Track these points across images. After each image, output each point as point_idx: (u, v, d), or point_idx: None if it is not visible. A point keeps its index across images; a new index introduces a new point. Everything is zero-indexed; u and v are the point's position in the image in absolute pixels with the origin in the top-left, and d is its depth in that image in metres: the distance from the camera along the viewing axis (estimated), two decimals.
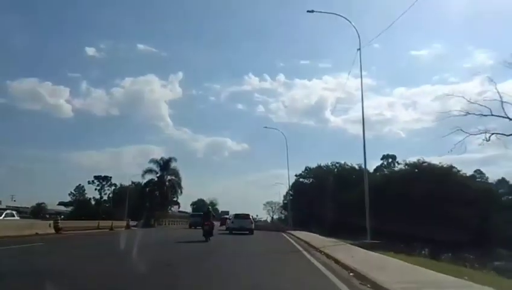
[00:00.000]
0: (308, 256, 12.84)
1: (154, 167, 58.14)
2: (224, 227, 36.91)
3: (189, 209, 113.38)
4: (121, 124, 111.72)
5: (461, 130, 23.57)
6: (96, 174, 74.05)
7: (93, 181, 74.95)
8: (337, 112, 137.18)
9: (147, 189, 59.99)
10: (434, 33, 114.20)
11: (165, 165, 58.69)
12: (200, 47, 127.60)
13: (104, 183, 72.80)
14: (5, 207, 50.08)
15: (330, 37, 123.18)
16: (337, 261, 10.39)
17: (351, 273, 8.40)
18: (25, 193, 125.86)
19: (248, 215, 33.06)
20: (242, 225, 30.48)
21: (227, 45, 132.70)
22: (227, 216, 55.95)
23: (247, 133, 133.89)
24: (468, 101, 23.55)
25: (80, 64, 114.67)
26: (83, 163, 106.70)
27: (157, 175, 58.87)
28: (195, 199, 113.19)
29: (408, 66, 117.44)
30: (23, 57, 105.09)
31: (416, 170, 47.66)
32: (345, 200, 61.46)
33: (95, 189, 74.75)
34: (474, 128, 23.28)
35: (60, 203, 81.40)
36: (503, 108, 22.01)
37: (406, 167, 47.49)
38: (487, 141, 22.65)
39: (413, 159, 49.54)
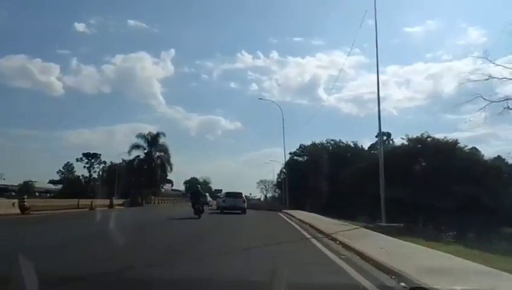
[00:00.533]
0: (321, 247, 9.92)
1: (142, 142, 54.37)
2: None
3: (182, 188, 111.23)
4: (113, 102, 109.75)
5: (481, 97, 20.61)
6: (88, 152, 70.44)
7: (81, 159, 71.54)
8: (330, 90, 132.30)
9: (134, 165, 55.48)
10: (427, 10, 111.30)
11: (153, 140, 54.50)
12: (192, 23, 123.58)
13: (92, 160, 69.40)
14: None
15: (323, 14, 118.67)
16: (364, 257, 7.53)
17: (402, 285, 5.49)
18: (16, 172, 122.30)
19: (240, 193, 31.73)
20: (234, 204, 29.29)
21: (219, 21, 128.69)
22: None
23: (241, 112, 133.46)
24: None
25: (70, 41, 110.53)
26: (74, 141, 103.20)
27: (145, 151, 54.81)
28: (188, 178, 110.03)
29: (401, 43, 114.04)
30: (10, 33, 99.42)
31: (420, 145, 45.05)
32: (341, 179, 59.04)
33: (84, 167, 71.52)
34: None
35: (51, 182, 78.20)
36: None
37: (409, 142, 44.78)
38: (509, 108, 19.79)
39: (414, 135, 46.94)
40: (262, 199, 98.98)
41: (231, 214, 26.97)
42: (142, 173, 52.63)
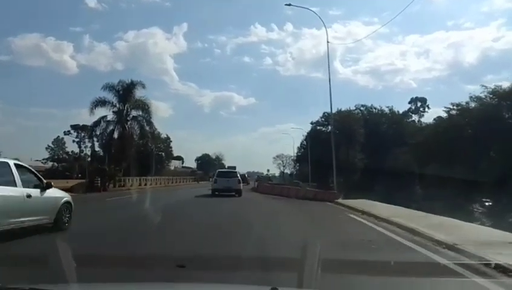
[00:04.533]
0: None
1: (110, 96, 35.90)
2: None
3: (194, 165, 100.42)
4: (126, 79, 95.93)
5: None
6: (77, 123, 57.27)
7: (68, 132, 59.01)
8: (346, 62, 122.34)
9: (98, 130, 36.63)
10: None
11: (125, 93, 35.44)
12: None
13: (82, 134, 56.48)
14: None
15: None
16: None
17: None
18: (33, 151, 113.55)
19: (235, 172, 26.04)
20: (227, 185, 23.06)
21: None
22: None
23: (254, 87, 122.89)
24: None
25: (82, 18, 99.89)
26: (90, 119, 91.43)
27: (114, 110, 35.96)
28: (200, 154, 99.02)
29: (421, 10, 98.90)
30: (23, 12, 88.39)
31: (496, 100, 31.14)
32: (381, 152, 45.68)
33: (73, 141, 59.09)
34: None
35: (53, 160, 66.65)
36: None
37: (488, 95, 30.47)
38: None
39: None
40: (278, 176, 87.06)
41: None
42: (110, 141, 37.61)
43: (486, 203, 26.27)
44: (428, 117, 60.27)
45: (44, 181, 7.93)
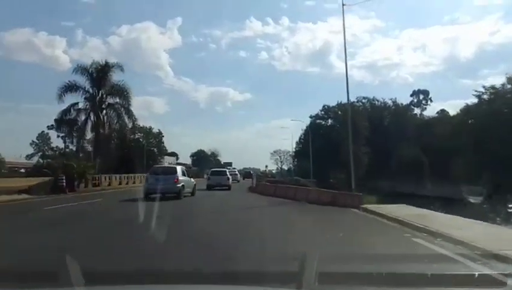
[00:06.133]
0: None
1: (82, 80, 30.34)
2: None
3: (189, 161, 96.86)
4: (120, 75, 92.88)
5: None
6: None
7: (52, 126, 53.80)
8: (343, 56, 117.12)
9: (67, 120, 30.80)
10: None
11: (100, 77, 30.03)
12: None
13: (68, 128, 51.41)
14: None
15: None
16: None
17: None
18: (22, 148, 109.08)
19: (225, 171, 31.18)
20: (219, 181, 27.32)
21: None
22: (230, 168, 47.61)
23: (250, 82, 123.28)
24: None
25: (74, 12, 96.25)
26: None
27: (86, 96, 30.35)
28: (195, 150, 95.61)
29: (417, 4, 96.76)
30: (15, 6, 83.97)
31: None
32: (388, 146, 42.20)
33: (58, 136, 54.04)
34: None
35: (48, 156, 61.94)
36: None
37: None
38: None
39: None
40: (275, 172, 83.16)
41: None
42: (83, 133, 30.55)
43: None
44: (431, 111, 57.42)
45: None
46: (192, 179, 19.90)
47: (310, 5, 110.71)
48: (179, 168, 18.88)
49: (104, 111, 31.07)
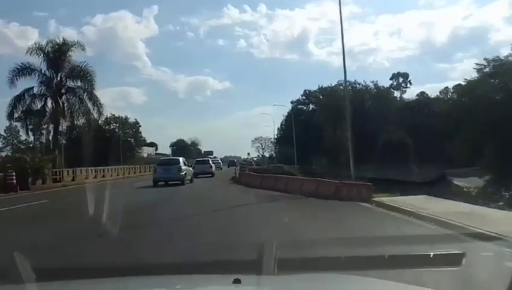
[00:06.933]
0: None
1: (38, 63, 26.46)
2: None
3: (168, 151, 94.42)
4: (96, 66, 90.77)
5: None
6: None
7: (20, 118, 49.61)
8: (321, 43, 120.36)
9: (19, 107, 26.43)
10: None
11: (57, 57, 26.04)
12: None
13: (34, 119, 47.48)
14: None
15: None
16: None
17: None
18: None
19: (207, 160, 34.43)
20: (203, 169, 30.04)
21: None
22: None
23: (229, 71, 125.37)
24: None
25: (47, 2, 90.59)
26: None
27: (41, 80, 26.46)
28: (175, 140, 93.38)
29: None
30: None
31: None
32: (371, 130, 41.03)
33: (21, 127, 50.12)
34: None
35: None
36: None
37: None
38: None
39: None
40: (256, 159, 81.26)
41: None
42: (37, 120, 26.78)
43: None
44: (410, 94, 56.91)
45: None
46: (190, 168, 22.73)
47: None
48: (181, 159, 21.37)
49: (64, 96, 27.14)
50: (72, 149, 35.18)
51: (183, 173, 19.92)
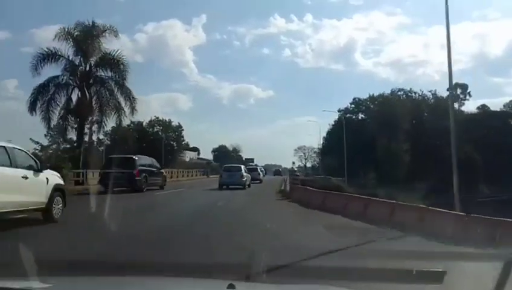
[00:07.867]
0: None
1: (65, 49, 23.25)
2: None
3: (210, 157, 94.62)
4: (146, 72, 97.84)
5: None
6: None
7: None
8: (367, 54, 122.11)
9: (39, 100, 22.45)
10: None
11: (87, 42, 22.86)
12: None
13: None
14: None
15: None
16: None
17: None
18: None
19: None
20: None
21: None
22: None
23: (273, 79, 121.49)
24: None
25: (104, 10, 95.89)
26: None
27: (67, 67, 23.12)
28: (216, 146, 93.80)
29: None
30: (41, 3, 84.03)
31: None
32: (431, 142, 37.12)
33: (71, 127, 50.42)
34: None
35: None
36: None
37: None
38: None
39: None
40: (297, 169, 77.72)
41: None
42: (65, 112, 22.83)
43: None
44: (468, 106, 51.79)
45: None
46: (249, 175, 24.70)
47: (334, 2, 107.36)
48: (242, 167, 24.51)
49: (92, 88, 23.65)
50: (115, 150, 34.16)
51: (244, 179, 22.83)
